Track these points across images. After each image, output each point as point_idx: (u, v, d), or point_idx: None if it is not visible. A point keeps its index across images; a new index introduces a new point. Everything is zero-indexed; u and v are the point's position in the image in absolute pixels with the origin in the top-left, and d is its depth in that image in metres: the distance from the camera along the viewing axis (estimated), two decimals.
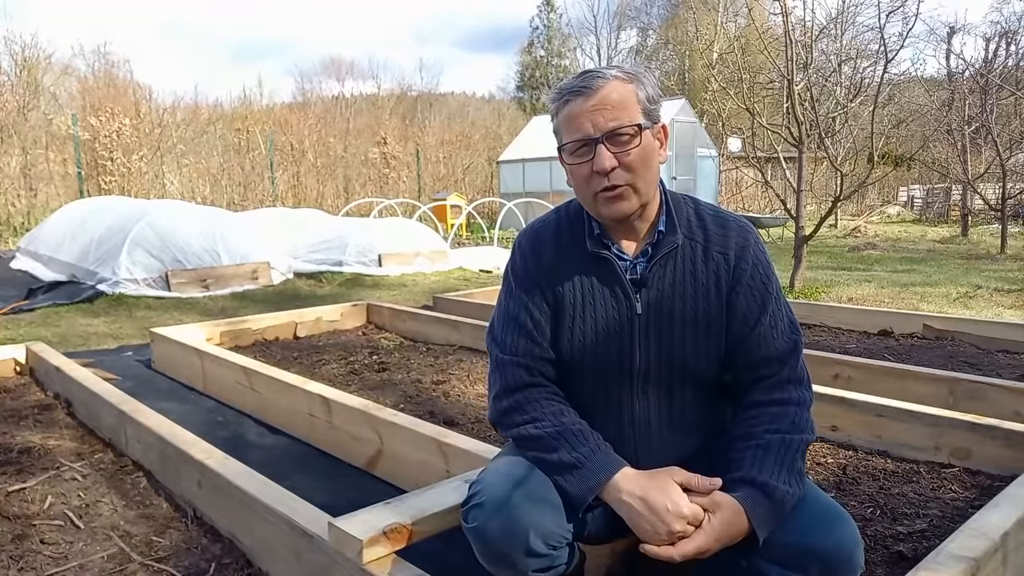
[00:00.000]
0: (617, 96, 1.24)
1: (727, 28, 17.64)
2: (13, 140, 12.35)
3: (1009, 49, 17.90)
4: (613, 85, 1.24)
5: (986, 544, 1.38)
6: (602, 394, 1.34)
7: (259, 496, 1.68)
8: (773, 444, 1.22)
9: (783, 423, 1.25)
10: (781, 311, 1.34)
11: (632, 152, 1.24)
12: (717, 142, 16.07)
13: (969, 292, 6.21)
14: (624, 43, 37.27)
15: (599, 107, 1.23)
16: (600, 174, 1.24)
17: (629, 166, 1.24)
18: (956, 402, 2.68)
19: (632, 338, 1.30)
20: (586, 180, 1.27)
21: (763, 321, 1.31)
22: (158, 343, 3.74)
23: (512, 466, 1.25)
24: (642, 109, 1.26)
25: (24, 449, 2.40)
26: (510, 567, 1.18)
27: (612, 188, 1.25)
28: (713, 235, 1.34)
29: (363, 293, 6.42)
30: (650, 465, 1.31)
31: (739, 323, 1.31)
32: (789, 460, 1.21)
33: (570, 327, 1.33)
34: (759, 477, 1.18)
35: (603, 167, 1.23)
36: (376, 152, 18.41)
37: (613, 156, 1.23)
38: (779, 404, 1.28)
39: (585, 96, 1.24)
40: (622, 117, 1.23)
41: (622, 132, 1.23)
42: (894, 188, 22.41)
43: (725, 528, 1.14)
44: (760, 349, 1.31)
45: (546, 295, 1.35)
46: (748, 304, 1.31)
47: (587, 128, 1.24)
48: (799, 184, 6.31)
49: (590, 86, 1.24)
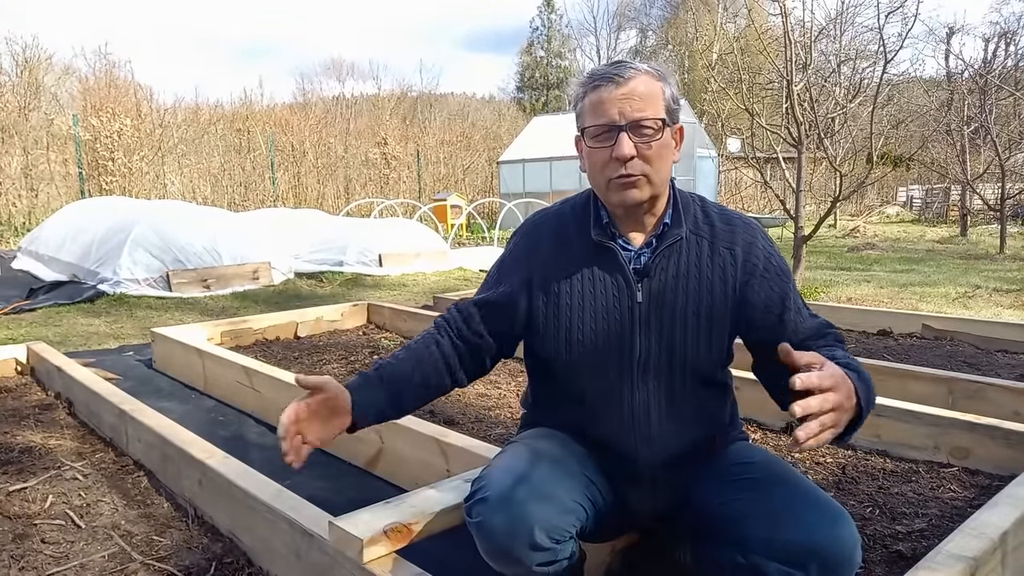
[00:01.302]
0: (646, 89, 1.26)
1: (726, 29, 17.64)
2: (14, 140, 12.35)
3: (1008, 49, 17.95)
4: (643, 79, 1.27)
5: (985, 544, 1.39)
6: (603, 382, 1.34)
7: (260, 495, 1.69)
8: (837, 358, 1.19)
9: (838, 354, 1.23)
10: (799, 300, 1.36)
11: (653, 145, 1.26)
12: (716, 142, 16.08)
13: (968, 292, 6.21)
14: (624, 44, 37.31)
15: (628, 97, 1.25)
16: (619, 160, 1.26)
17: (648, 158, 1.27)
18: (955, 402, 2.69)
19: (632, 327, 1.31)
20: (603, 165, 1.30)
21: (788, 306, 1.32)
22: (159, 343, 3.74)
23: (516, 461, 1.26)
24: (666, 107, 1.29)
25: (25, 449, 2.41)
26: (514, 562, 1.18)
27: (627, 176, 1.27)
28: (719, 231, 1.35)
29: (364, 293, 6.43)
30: (649, 455, 1.33)
31: (762, 314, 1.32)
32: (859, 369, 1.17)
33: (568, 314, 1.35)
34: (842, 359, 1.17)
35: (623, 154, 1.25)
36: (376, 152, 18.41)
37: (634, 145, 1.26)
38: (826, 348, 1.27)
39: (616, 84, 1.26)
40: (647, 110, 1.26)
41: (647, 124, 1.26)
42: (893, 188, 22.42)
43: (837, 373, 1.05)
44: (795, 334, 1.30)
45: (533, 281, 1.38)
46: (768, 295, 1.32)
47: (613, 115, 1.26)
48: (798, 184, 6.31)
49: (622, 75, 1.26)
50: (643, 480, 1.35)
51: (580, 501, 1.25)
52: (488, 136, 21.85)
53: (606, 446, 1.35)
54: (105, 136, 12.62)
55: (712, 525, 1.28)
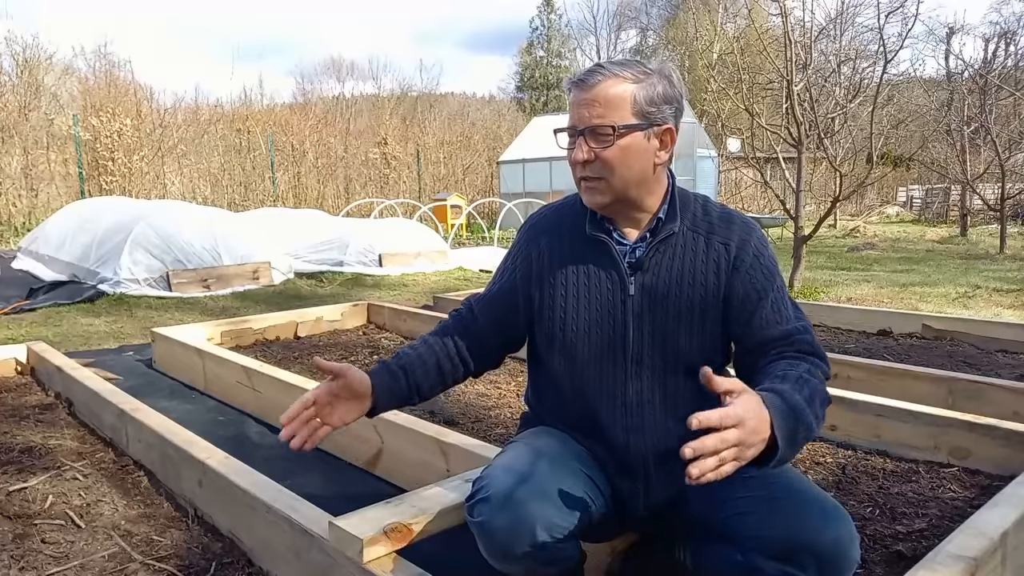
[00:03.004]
0: (610, 94, 1.26)
1: (726, 29, 17.64)
2: (14, 140, 12.34)
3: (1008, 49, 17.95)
4: (610, 83, 1.26)
5: (985, 543, 1.39)
6: (596, 375, 1.35)
7: (260, 495, 1.69)
8: (790, 376, 1.17)
9: (799, 368, 1.21)
10: (785, 301, 1.34)
11: (608, 150, 1.27)
12: (716, 142, 16.09)
13: (968, 292, 6.21)
14: (624, 44, 37.33)
15: (589, 102, 1.27)
16: (575, 164, 1.31)
17: (605, 162, 1.28)
18: (955, 402, 2.69)
19: (626, 320, 1.33)
20: (572, 166, 1.34)
21: (763, 305, 1.31)
22: (159, 343, 3.74)
23: (517, 461, 1.26)
24: (636, 110, 1.26)
25: (25, 449, 2.41)
26: (516, 561, 1.18)
27: (587, 179, 1.31)
28: (717, 227, 1.36)
29: (364, 293, 6.43)
30: (641, 447, 1.33)
31: (738, 308, 1.32)
32: (807, 393, 1.14)
33: (563, 306, 1.37)
34: (776, 386, 1.13)
35: (576, 158, 1.30)
36: (376, 152, 18.41)
37: (591, 150, 1.27)
38: (791, 359, 1.24)
39: (581, 88, 1.29)
40: (607, 115, 1.26)
41: (601, 131, 1.26)
42: (893, 188, 22.42)
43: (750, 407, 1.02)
44: (765, 329, 1.29)
45: (532, 273, 1.42)
46: (746, 289, 1.32)
47: (575, 119, 1.30)
48: (798, 184, 6.31)
49: (587, 80, 1.28)
50: (637, 474, 1.36)
51: (581, 500, 1.25)
52: (488, 136, 21.84)
53: (601, 439, 1.36)
54: (105, 136, 12.62)
55: (710, 524, 1.28)
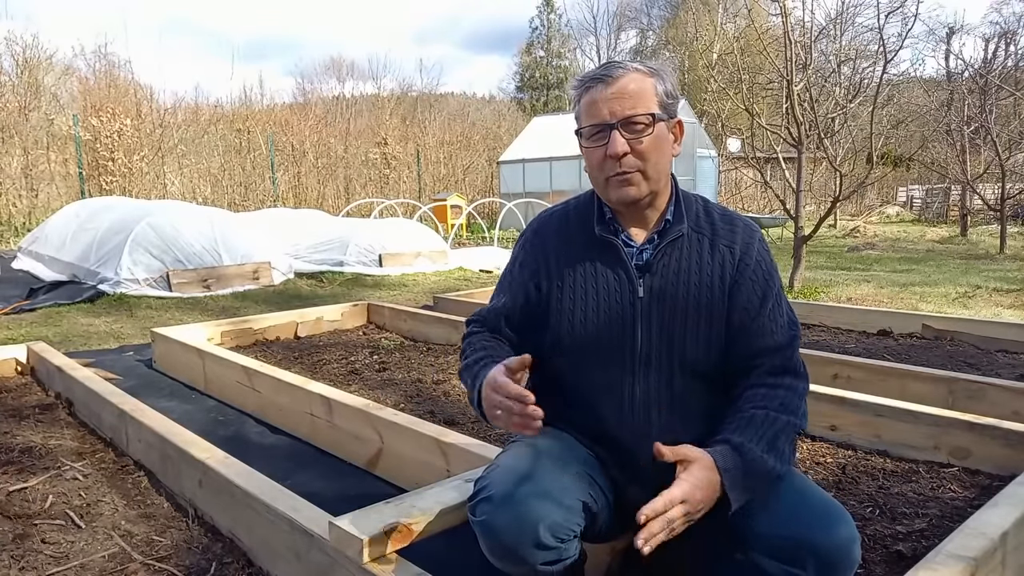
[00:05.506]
0: (635, 87, 1.29)
1: (726, 29, 17.64)
2: (14, 140, 12.35)
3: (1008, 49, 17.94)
4: (632, 76, 1.30)
5: (985, 544, 1.39)
6: (603, 376, 1.35)
7: (260, 495, 1.69)
8: (756, 418, 1.25)
9: (771, 403, 1.27)
10: (782, 308, 1.36)
11: (645, 140, 1.29)
12: (716, 142, 16.09)
13: (968, 292, 6.21)
14: (624, 44, 37.31)
15: (617, 95, 1.28)
16: (613, 158, 1.29)
17: (641, 153, 1.29)
18: (955, 402, 2.69)
19: (634, 321, 1.33)
20: (600, 164, 1.33)
21: (763, 313, 1.34)
22: (159, 343, 3.74)
23: (519, 460, 1.26)
24: (659, 102, 1.31)
25: (25, 449, 2.41)
26: (518, 561, 1.18)
27: (623, 173, 1.30)
28: (720, 230, 1.37)
29: (364, 293, 6.43)
30: (646, 448, 1.32)
31: (740, 313, 1.34)
32: (770, 435, 1.22)
33: (571, 308, 1.37)
34: (734, 438, 1.21)
35: (616, 151, 1.28)
36: (377, 152, 18.41)
37: (626, 142, 1.28)
38: (769, 387, 1.30)
39: (605, 84, 1.30)
40: (638, 106, 1.28)
41: (637, 120, 1.28)
42: (893, 188, 22.43)
43: (697, 481, 1.14)
44: (759, 339, 1.33)
45: (540, 276, 1.41)
46: (749, 296, 1.34)
47: (604, 114, 1.29)
48: (798, 184, 6.32)
49: (611, 75, 1.30)
50: (642, 475, 1.35)
51: (583, 500, 1.25)
52: (488, 136, 21.85)
53: (606, 440, 1.36)
54: (105, 136, 12.62)
55: (710, 524, 1.28)
